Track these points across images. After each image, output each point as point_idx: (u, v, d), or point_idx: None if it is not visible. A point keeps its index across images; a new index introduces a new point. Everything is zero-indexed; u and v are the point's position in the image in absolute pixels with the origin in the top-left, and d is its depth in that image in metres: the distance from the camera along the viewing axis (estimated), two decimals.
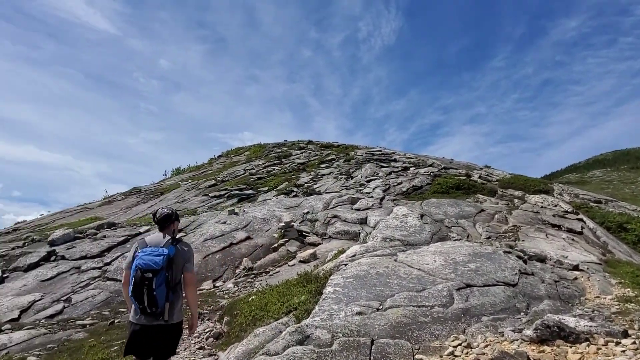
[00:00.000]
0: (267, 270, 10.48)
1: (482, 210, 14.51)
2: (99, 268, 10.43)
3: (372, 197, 16.16)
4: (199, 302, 8.31)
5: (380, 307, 5.66)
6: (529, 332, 4.75)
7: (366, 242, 10.81)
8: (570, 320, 4.91)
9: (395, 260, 7.91)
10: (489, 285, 6.75)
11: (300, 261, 10.67)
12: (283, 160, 29.17)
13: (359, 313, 5.36)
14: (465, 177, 20.90)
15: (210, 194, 21.85)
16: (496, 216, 13.94)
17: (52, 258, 11.25)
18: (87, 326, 7.77)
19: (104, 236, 12.61)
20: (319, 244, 12.23)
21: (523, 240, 11.54)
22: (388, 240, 10.60)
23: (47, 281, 9.97)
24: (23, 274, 10.48)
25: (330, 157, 27.78)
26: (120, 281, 6.13)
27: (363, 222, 13.06)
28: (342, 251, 9.91)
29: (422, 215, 13.05)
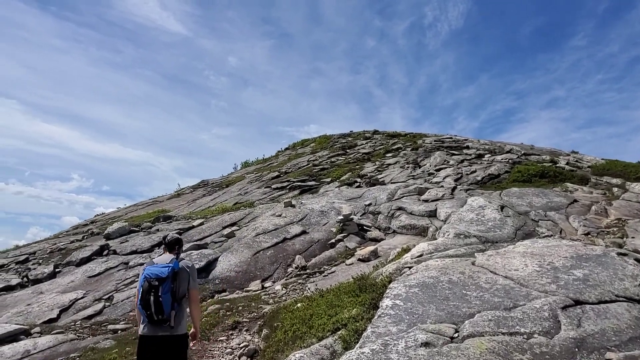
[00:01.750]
0: (322, 269, 9.11)
1: (575, 200, 12.15)
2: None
3: (442, 187, 14.26)
4: (240, 308, 7.14)
5: (456, 334, 4.04)
6: None
7: (436, 239, 9.11)
8: None
9: (473, 264, 6.18)
10: (606, 302, 4.87)
11: (359, 259, 9.21)
12: (348, 150, 27.70)
13: (426, 344, 3.79)
14: (550, 164, 18.25)
15: (273, 186, 20.95)
16: (593, 207, 11.56)
17: (105, 252, 10.69)
18: (119, 332, 6.86)
19: (158, 230, 11.93)
20: (381, 239, 10.67)
21: (633, 237, 9.22)
22: (462, 236, 8.82)
23: (94, 277, 9.33)
24: (74, 269, 9.96)
25: (396, 146, 25.90)
26: None
27: (432, 214, 11.30)
28: (407, 249, 8.31)
29: (502, 207, 11.05)
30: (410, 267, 6.50)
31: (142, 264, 9.63)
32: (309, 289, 7.81)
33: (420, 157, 21.95)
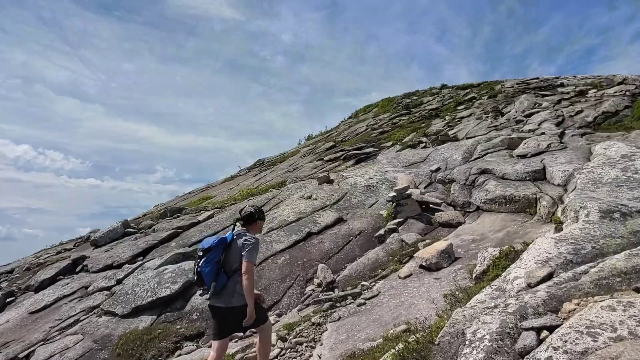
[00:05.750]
0: (358, 288, 5.15)
1: None
2: (108, 289, 6.33)
3: (542, 134, 9.46)
4: None
5: None
6: None
7: (561, 222, 4.74)
8: None
9: None
10: None
11: (421, 266, 5.10)
12: (412, 109, 22.92)
13: None
14: None
15: (325, 158, 17.10)
16: None
17: (78, 269, 7.60)
18: None
19: (154, 230, 8.65)
20: (458, 223, 6.41)
21: None
22: (617, 214, 4.34)
23: (35, 314, 6.20)
24: (27, 297, 6.95)
25: (469, 96, 20.75)
26: (119, 316, 5.47)
27: (538, 176, 6.74)
28: (511, 253, 4.06)
29: None
30: (539, 331, 2.36)
31: (103, 289, 6.36)
32: (327, 337, 3.92)
33: (500, 104, 16.79)
